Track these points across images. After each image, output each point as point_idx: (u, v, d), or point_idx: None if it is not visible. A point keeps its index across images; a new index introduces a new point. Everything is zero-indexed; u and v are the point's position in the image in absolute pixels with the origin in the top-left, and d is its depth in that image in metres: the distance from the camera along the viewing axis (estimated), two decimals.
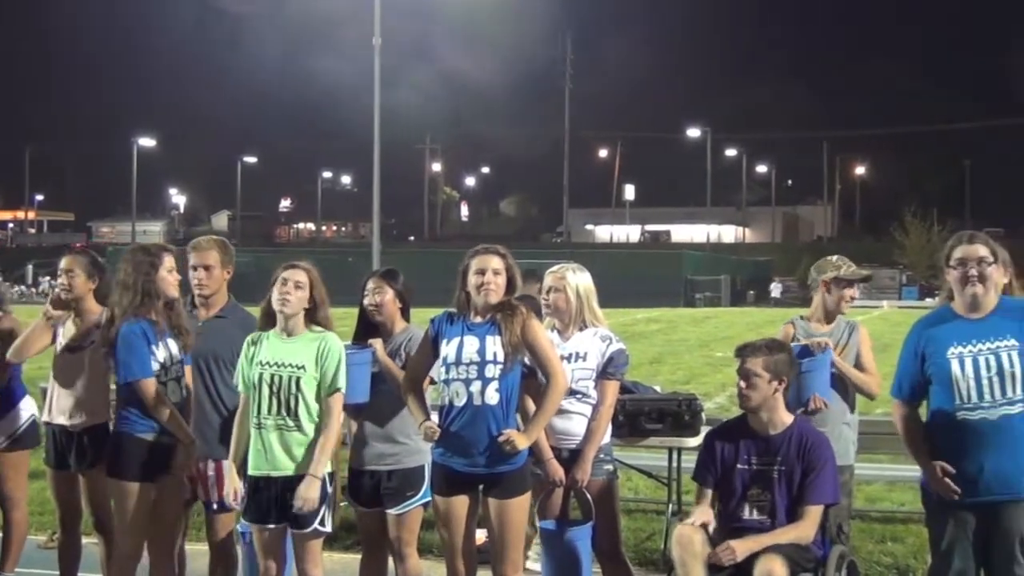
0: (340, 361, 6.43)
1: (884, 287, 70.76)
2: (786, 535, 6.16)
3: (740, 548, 6.03)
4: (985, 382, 5.78)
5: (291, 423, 6.34)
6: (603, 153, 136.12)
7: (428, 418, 6.47)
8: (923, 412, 6.11)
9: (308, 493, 6.29)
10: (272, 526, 6.41)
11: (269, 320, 6.48)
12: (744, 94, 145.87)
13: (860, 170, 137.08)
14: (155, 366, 6.65)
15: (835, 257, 7.62)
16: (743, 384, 6.44)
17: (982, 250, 5.89)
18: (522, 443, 6.31)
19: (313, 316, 6.50)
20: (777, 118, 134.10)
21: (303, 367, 6.36)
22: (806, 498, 6.26)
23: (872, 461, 11.38)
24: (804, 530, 6.21)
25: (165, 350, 6.74)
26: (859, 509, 10.02)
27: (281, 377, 6.34)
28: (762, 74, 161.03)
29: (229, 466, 6.57)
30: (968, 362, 5.81)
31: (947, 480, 5.79)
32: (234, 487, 6.49)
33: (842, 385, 7.34)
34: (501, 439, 6.23)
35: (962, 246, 5.93)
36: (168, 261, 6.89)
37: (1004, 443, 5.74)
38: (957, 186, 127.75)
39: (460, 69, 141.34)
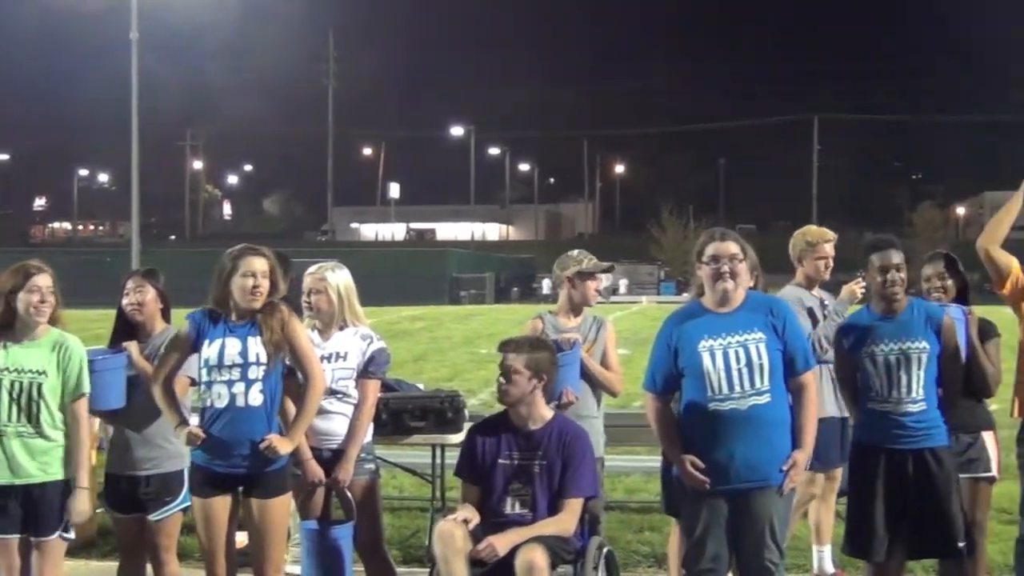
0: (82, 365, 6.26)
1: (643, 283, 72.50)
2: (547, 528, 6.24)
3: (500, 544, 6.09)
4: (735, 374, 6.00)
5: (32, 430, 6.13)
6: (368, 151, 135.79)
7: (184, 420, 6.37)
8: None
9: (81, 506, 6.17)
10: (13, 535, 6.14)
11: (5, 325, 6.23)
12: (507, 93, 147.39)
13: (620, 168, 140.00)
14: None
15: (575, 252, 7.71)
16: (503, 380, 6.51)
17: (733, 247, 6.12)
18: (284, 448, 6.27)
19: (54, 320, 6.31)
20: (539, 117, 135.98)
21: (44, 372, 6.16)
22: (566, 491, 6.35)
23: (630, 453, 11.68)
24: (565, 523, 6.31)
25: None
26: (617, 500, 10.27)
27: (22, 383, 6.13)
28: (524, 73, 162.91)
29: None
30: (718, 355, 6.02)
31: (696, 472, 5.99)
32: None
33: (590, 380, 7.48)
34: (263, 445, 6.18)
35: (714, 243, 6.15)
36: None
37: (754, 432, 5.97)
38: (712, 184, 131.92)
39: (222, 65, 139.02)
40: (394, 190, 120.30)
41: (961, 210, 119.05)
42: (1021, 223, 7.59)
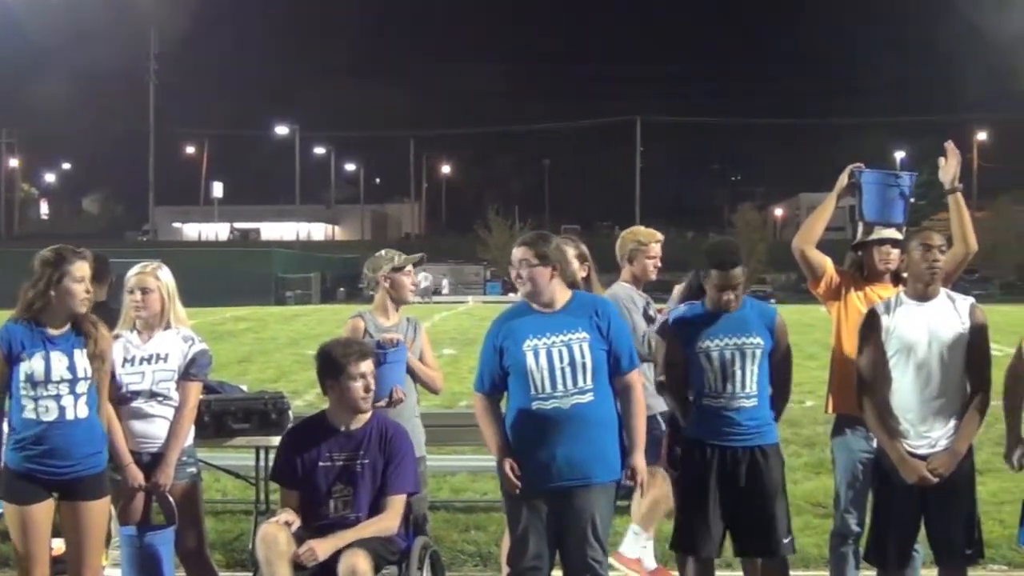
0: None
1: (469, 283, 72.96)
2: (369, 529, 6.20)
3: (321, 548, 6.02)
4: (558, 373, 6.06)
5: None
6: (191, 150, 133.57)
7: None
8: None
9: None
10: None
11: None
12: (333, 93, 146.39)
13: (446, 169, 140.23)
14: None
15: (383, 251, 7.69)
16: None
17: (522, 253, 6.18)
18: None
19: None
20: (365, 117, 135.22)
21: None
22: (388, 489, 6.33)
23: (456, 453, 11.70)
24: (387, 521, 6.28)
25: None
26: (443, 500, 10.27)
27: None
28: (350, 73, 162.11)
29: None
30: (542, 354, 6.08)
31: (511, 476, 6.06)
32: None
33: (414, 378, 7.48)
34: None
35: (516, 248, 6.24)
36: None
37: (576, 431, 6.03)
38: (538, 185, 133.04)
39: (40, 61, 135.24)
40: (217, 189, 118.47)
41: (779, 211, 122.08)
42: (835, 224, 7.81)
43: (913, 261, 6.40)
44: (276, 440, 8.11)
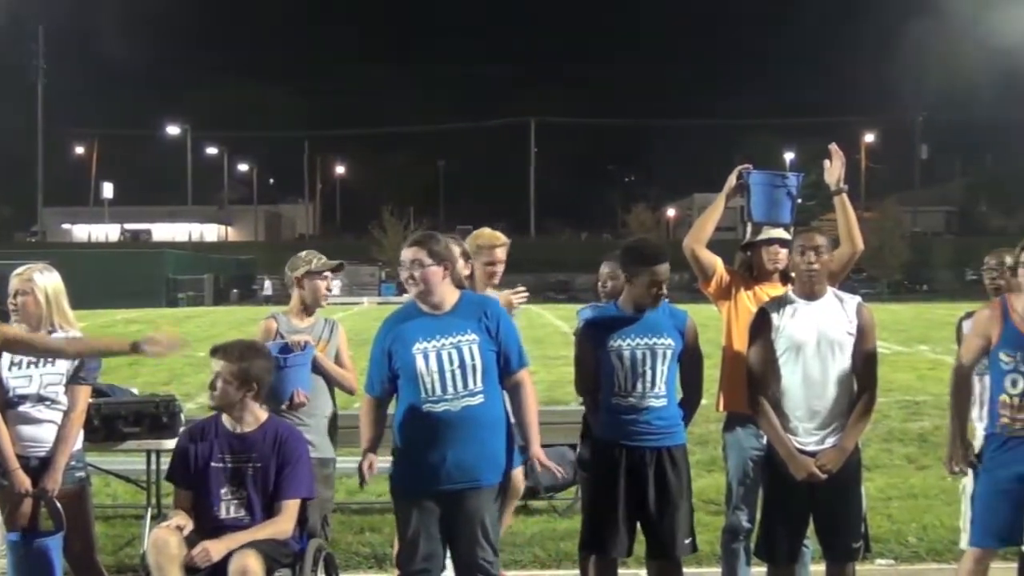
0: None
1: (364, 283, 72.61)
2: (263, 531, 6.15)
3: (215, 549, 5.96)
4: (448, 375, 6.07)
5: None
6: (80, 150, 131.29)
7: None
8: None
9: None
10: None
11: None
12: (225, 92, 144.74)
13: (340, 169, 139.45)
14: None
15: (304, 253, 7.70)
16: (211, 386, 6.38)
17: (417, 254, 6.13)
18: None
19: None
20: (259, 116, 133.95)
21: None
22: (282, 493, 6.27)
23: (352, 454, 11.62)
24: (281, 525, 6.23)
25: None
26: (339, 502, 10.21)
27: None
28: (243, 72, 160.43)
29: None
30: (432, 357, 6.09)
31: (364, 473, 6.16)
32: None
33: (323, 380, 7.45)
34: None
35: (406, 248, 6.22)
36: None
37: (466, 434, 6.06)
38: (433, 186, 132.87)
39: None
40: (107, 190, 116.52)
41: (672, 211, 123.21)
42: (726, 224, 7.90)
43: (794, 263, 6.53)
44: (168, 443, 8.08)
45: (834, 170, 7.11)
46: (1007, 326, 6.29)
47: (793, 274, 6.65)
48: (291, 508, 6.30)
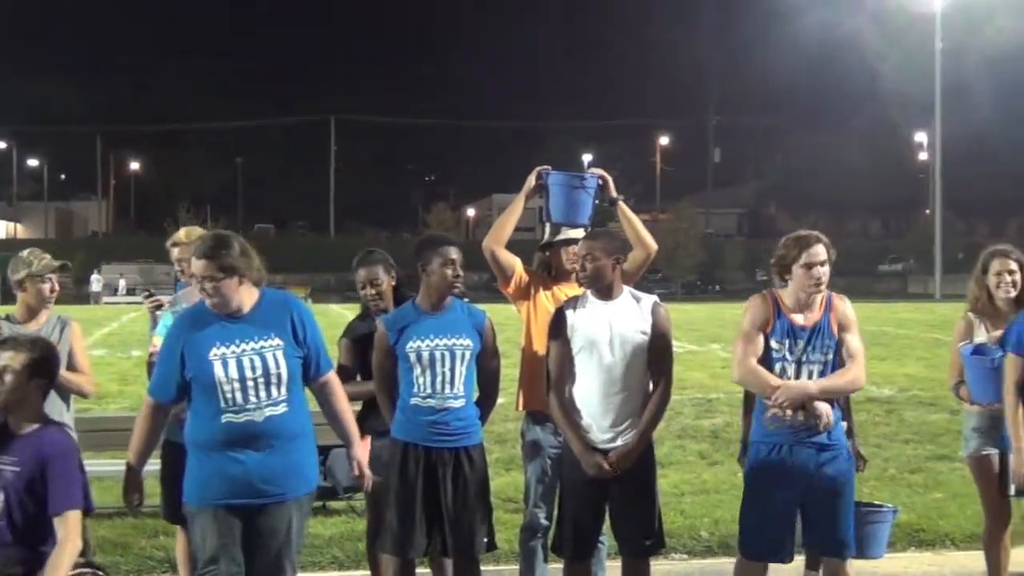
0: None
1: (159, 282, 71.07)
2: (62, 563, 5.52)
3: None
4: (251, 384, 5.66)
5: None
6: None
7: None
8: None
9: None
10: None
11: None
12: (15, 85, 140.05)
13: (135, 165, 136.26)
14: None
15: (26, 252, 7.30)
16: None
17: (207, 270, 5.66)
18: None
19: None
20: (50, 111, 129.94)
21: None
22: (56, 506, 5.65)
23: (116, 457, 11.32)
24: (70, 544, 5.60)
25: None
26: (122, 506, 9.93)
27: None
28: (36, 66, 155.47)
29: None
30: (232, 363, 5.67)
31: (131, 487, 5.93)
32: None
33: (57, 386, 7.02)
34: None
35: (195, 261, 5.73)
36: None
37: (270, 444, 5.69)
38: (231, 183, 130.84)
39: None
40: None
41: (471, 211, 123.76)
42: (525, 224, 7.96)
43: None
44: None
45: (607, 187, 7.23)
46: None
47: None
48: (71, 519, 5.66)
